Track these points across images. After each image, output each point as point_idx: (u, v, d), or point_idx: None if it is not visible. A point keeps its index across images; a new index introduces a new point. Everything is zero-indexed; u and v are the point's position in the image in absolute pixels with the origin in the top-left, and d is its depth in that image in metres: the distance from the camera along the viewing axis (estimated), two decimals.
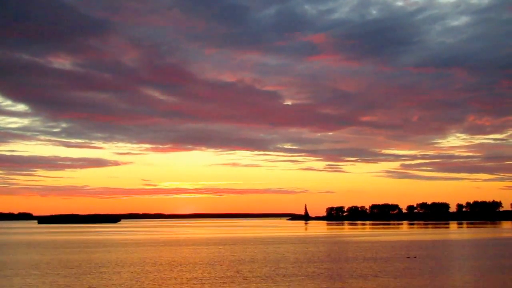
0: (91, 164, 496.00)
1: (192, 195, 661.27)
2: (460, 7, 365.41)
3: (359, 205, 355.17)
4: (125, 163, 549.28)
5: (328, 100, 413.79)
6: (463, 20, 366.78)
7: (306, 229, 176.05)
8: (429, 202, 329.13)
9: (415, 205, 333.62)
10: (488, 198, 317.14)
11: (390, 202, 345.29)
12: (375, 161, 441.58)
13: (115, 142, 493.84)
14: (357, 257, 53.10)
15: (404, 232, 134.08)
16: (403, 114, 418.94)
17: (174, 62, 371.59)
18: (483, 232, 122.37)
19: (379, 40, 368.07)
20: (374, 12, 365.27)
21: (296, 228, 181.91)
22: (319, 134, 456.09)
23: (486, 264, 45.52)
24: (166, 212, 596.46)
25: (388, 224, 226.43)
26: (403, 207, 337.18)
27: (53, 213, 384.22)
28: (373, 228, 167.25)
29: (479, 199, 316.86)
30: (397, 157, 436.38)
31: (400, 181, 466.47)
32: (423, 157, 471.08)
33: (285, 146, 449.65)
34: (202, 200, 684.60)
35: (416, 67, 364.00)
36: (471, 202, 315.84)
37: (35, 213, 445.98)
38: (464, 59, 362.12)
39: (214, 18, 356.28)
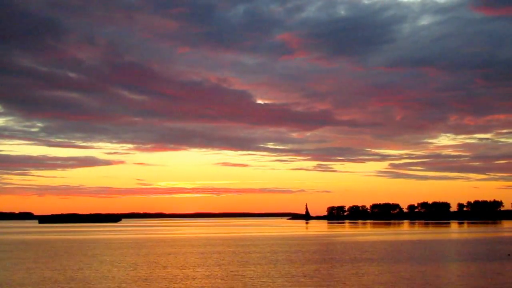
0: (81, 163, 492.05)
1: (189, 195, 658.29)
2: (427, 6, 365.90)
3: (355, 204, 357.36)
4: (117, 163, 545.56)
5: (302, 99, 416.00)
6: (431, 19, 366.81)
7: (306, 228, 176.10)
8: (430, 202, 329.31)
9: (415, 205, 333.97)
10: (484, 198, 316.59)
11: (388, 202, 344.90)
12: (362, 160, 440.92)
13: (95, 142, 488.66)
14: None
15: (456, 230, 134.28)
16: (384, 113, 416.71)
17: (141, 61, 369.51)
18: None
19: (349, 39, 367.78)
20: (342, 12, 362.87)
21: (312, 228, 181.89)
22: (298, 133, 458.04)
23: None
24: (167, 212, 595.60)
25: (389, 223, 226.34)
26: (404, 207, 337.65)
27: (51, 213, 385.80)
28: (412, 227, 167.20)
29: (475, 199, 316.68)
30: (385, 157, 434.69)
31: (395, 181, 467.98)
32: (410, 156, 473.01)
33: (269, 146, 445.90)
34: (202, 200, 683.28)
35: (388, 67, 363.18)
36: (472, 202, 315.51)
37: (34, 213, 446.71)
38: (436, 59, 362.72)
39: (183, 18, 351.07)
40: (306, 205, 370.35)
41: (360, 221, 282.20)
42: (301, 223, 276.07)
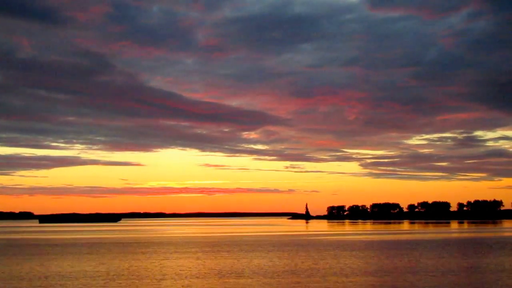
0: (55, 164, 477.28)
1: (184, 195, 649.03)
2: (345, 4, 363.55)
3: (351, 203, 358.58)
4: (91, 163, 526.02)
5: (234, 99, 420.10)
6: (342, 17, 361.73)
7: (306, 227, 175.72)
8: (430, 201, 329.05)
9: (415, 204, 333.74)
10: (475, 197, 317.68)
11: (387, 201, 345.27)
12: (326, 160, 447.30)
13: (42, 141, 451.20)
14: None
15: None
16: (335, 114, 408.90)
17: (62, 60, 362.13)
18: None
19: (270, 38, 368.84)
20: (253, 8, 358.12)
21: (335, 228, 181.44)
22: (245, 133, 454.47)
23: None
24: (168, 211, 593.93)
25: (389, 223, 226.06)
26: (404, 206, 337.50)
27: (48, 212, 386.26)
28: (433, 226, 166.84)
29: (468, 199, 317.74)
30: (354, 157, 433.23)
31: (378, 181, 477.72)
32: (375, 156, 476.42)
33: (225, 146, 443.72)
34: (198, 199, 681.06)
35: (317, 67, 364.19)
36: (472, 201, 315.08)
37: (34, 212, 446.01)
38: (358, 58, 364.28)
39: (103, 16, 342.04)
40: (306, 205, 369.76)
41: (360, 221, 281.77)
42: (301, 222, 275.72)
